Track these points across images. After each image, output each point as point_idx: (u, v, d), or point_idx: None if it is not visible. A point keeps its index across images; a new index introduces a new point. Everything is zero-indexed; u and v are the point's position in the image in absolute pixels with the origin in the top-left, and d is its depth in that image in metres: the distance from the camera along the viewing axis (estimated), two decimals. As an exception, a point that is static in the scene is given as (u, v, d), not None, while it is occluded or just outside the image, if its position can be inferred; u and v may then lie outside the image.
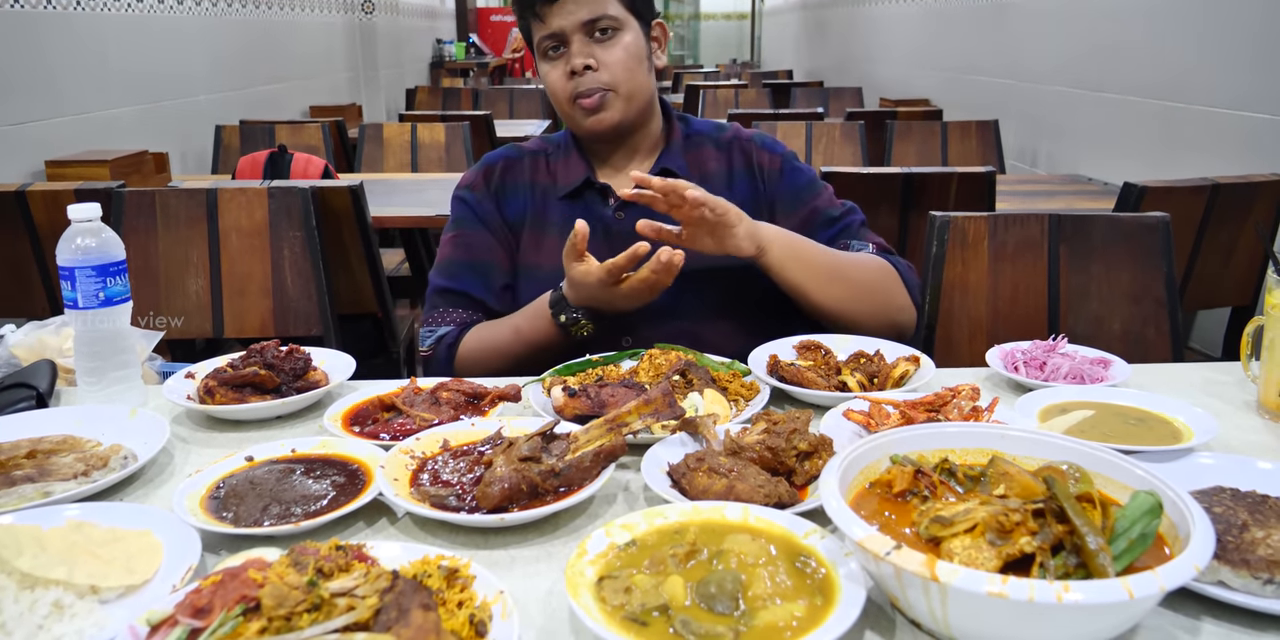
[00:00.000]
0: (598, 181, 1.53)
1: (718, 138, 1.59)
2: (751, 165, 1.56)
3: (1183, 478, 0.91)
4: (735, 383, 1.22)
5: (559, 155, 1.57)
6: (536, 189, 1.55)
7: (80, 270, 1.18)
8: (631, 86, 1.45)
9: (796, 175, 1.57)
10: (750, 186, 1.55)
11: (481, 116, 4.34)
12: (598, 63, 1.42)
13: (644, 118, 1.52)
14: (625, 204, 1.49)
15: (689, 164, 1.54)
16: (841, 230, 1.54)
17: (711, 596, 0.75)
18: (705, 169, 1.55)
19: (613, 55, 1.42)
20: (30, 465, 1.02)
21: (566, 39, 1.43)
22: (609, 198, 1.52)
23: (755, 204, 1.53)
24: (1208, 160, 3.16)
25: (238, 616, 0.68)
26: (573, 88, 1.43)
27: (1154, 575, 0.67)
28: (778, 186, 1.55)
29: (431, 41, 10.70)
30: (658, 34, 1.53)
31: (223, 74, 5.00)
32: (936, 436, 0.91)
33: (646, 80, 1.48)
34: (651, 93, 1.51)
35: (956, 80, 5.58)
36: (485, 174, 1.58)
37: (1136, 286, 1.80)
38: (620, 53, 1.43)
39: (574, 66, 1.42)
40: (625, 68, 1.43)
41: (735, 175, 1.56)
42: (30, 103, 3.37)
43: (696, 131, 1.59)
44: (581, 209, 1.51)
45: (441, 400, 1.17)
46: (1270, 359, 1.19)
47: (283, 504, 0.94)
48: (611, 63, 1.42)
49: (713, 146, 1.58)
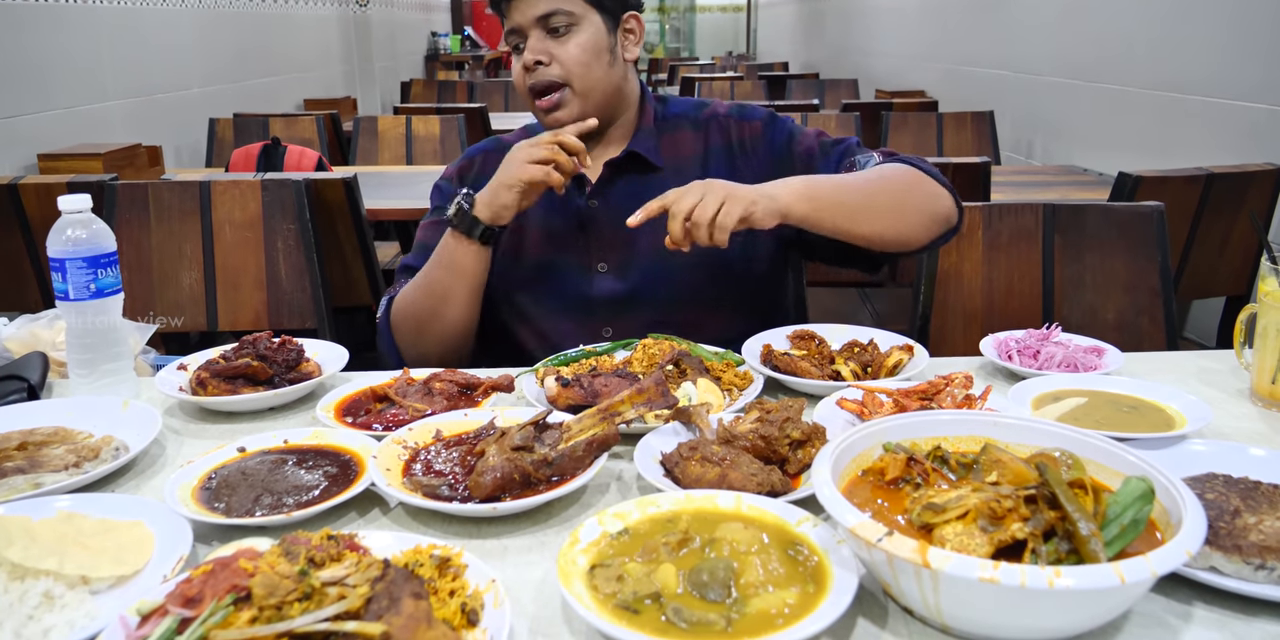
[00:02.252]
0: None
1: (695, 117, 1.56)
2: (730, 143, 1.53)
3: (1175, 464, 0.92)
4: (729, 372, 1.22)
5: None
6: None
7: (71, 261, 1.17)
8: (587, 82, 1.42)
9: (778, 131, 1.53)
10: (729, 164, 1.52)
11: (476, 109, 4.33)
12: (550, 58, 1.40)
13: (608, 111, 1.48)
14: (596, 191, 1.49)
15: (662, 147, 1.51)
16: (842, 154, 1.50)
17: (704, 584, 0.75)
18: (679, 152, 1.52)
19: (566, 51, 1.40)
20: (21, 457, 1.01)
21: (525, 34, 1.42)
22: (584, 186, 1.50)
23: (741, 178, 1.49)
24: (1203, 150, 3.16)
25: (228, 606, 0.68)
26: (529, 83, 1.42)
27: (1146, 560, 0.67)
28: (762, 154, 1.52)
29: (426, 34, 10.66)
30: (632, 26, 1.49)
31: (216, 67, 4.98)
32: (929, 424, 0.91)
33: (605, 75, 1.44)
34: (614, 86, 1.47)
35: (952, 72, 5.57)
36: (465, 166, 1.58)
37: (1131, 276, 1.80)
38: (574, 49, 1.40)
39: (525, 62, 1.41)
40: (579, 62, 1.41)
41: (711, 156, 1.53)
42: (22, 96, 3.36)
43: (674, 113, 1.56)
44: (556, 197, 1.48)
45: (434, 391, 1.17)
46: (1263, 346, 1.19)
47: (275, 494, 0.94)
48: (565, 58, 1.40)
49: (690, 127, 1.55)
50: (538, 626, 0.77)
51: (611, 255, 1.49)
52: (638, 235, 1.45)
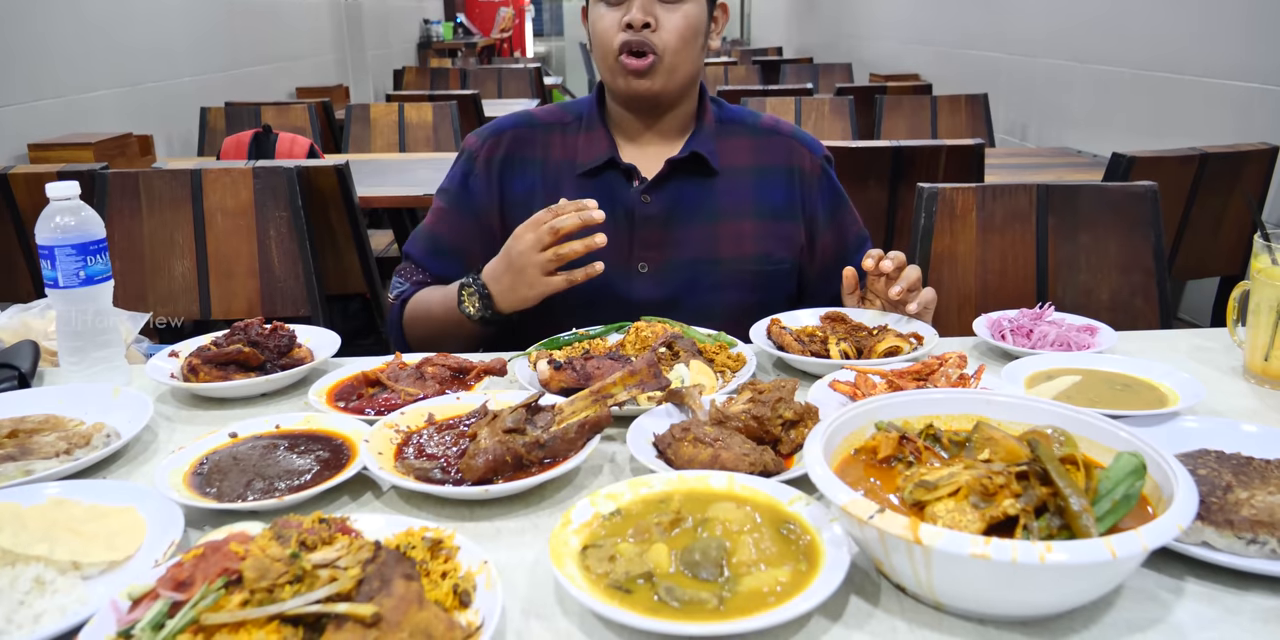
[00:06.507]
0: (623, 161, 1.45)
1: (754, 126, 1.53)
2: (791, 164, 1.51)
3: (1168, 441, 0.92)
4: (721, 354, 1.22)
5: (579, 128, 1.49)
6: (550, 165, 1.48)
7: (60, 249, 1.16)
8: (679, 58, 1.38)
9: (832, 187, 1.53)
10: (786, 186, 1.49)
11: (469, 96, 4.31)
12: (657, 23, 1.36)
13: (681, 95, 1.45)
14: (652, 187, 1.44)
15: (719, 151, 1.48)
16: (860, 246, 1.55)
17: (696, 564, 0.75)
18: (735, 160, 1.49)
19: (673, 20, 1.36)
20: (12, 444, 1.01)
21: None
22: (633, 179, 1.45)
23: (790, 205, 1.48)
24: (1197, 131, 3.15)
25: (219, 589, 0.68)
26: (623, 39, 1.37)
27: (1137, 535, 0.67)
28: (816, 195, 1.50)
29: (419, 22, 10.60)
30: (718, 15, 1.46)
31: (208, 56, 4.95)
32: (922, 403, 0.91)
33: (696, 57, 1.42)
34: (696, 71, 1.44)
35: (946, 55, 5.55)
36: (492, 146, 1.50)
37: (1125, 256, 1.80)
38: (681, 19, 1.37)
39: (632, 19, 1.35)
40: (680, 37, 1.37)
41: (768, 171, 1.50)
42: (12, 85, 3.33)
43: (731, 118, 1.53)
44: (602, 188, 1.44)
45: (427, 375, 1.17)
46: (1256, 323, 1.19)
47: (266, 479, 0.94)
48: (670, 27, 1.36)
49: (747, 136, 1.51)
50: (530, 607, 0.77)
51: (654, 256, 1.45)
52: (683, 239, 1.45)
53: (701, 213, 1.46)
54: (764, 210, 1.48)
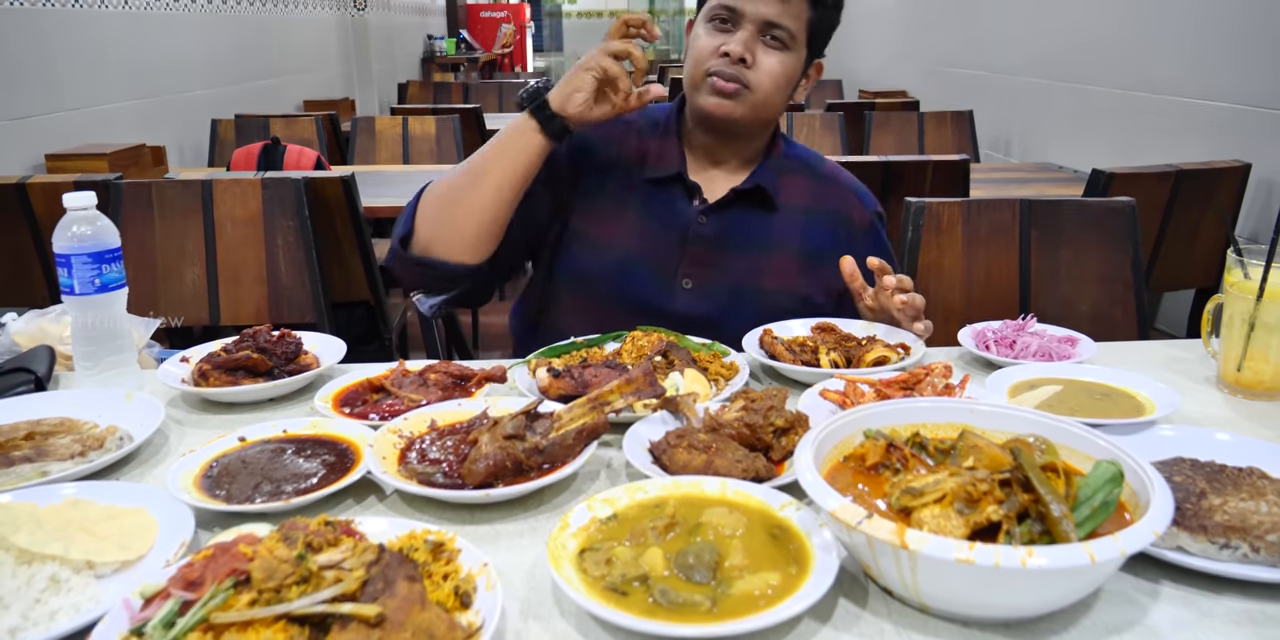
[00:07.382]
0: (689, 178, 1.48)
1: (816, 169, 1.55)
2: (840, 212, 1.52)
3: (1145, 449, 0.94)
4: (715, 363, 1.25)
5: (654, 134, 1.51)
6: (622, 163, 1.50)
7: (76, 257, 1.19)
8: (764, 99, 1.41)
9: (880, 243, 1.54)
10: (832, 233, 1.51)
11: (471, 109, 4.35)
12: (753, 60, 1.38)
13: (756, 131, 1.48)
14: (712, 210, 1.46)
15: (781, 186, 1.50)
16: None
17: (690, 567, 0.77)
18: (792, 198, 1.51)
19: (769, 64, 1.39)
20: (29, 446, 1.03)
21: (740, 22, 1.38)
22: (694, 198, 1.47)
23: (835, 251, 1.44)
24: (1173, 148, 3.20)
25: (228, 589, 0.69)
26: (716, 66, 1.39)
27: (1115, 540, 0.69)
28: (861, 248, 1.49)
29: (423, 37, 10.67)
30: (812, 73, 1.49)
31: (219, 69, 5.00)
32: (909, 411, 0.93)
33: (779, 103, 1.44)
34: (775, 115, 1.47)
35: (933, 73, 5.60)
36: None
37: (1104, 269, 1.83)
38: (777, 65, 1.39)
39: (731, 50, 1.37)
40: (772, 80, 1.39)
41: (818, 214, 1.51)
42: (32, 97, 3.38)
43: (795, 156, 1.55)
44: (665, 199, 1.46)
45: (429, 382, 1.19)
46: (1229, 335, 1.22)
47: (274, 482, 0.96)
48: (764, 69, 1.39)
49: (807, 176, 1.53)
50: (529, 608, 0.79)
51: (699, 273, 1.47)
52: (731, 265, 1.46)
53: (753, 243, 1.48)
54: (809, 251, 1.50)
